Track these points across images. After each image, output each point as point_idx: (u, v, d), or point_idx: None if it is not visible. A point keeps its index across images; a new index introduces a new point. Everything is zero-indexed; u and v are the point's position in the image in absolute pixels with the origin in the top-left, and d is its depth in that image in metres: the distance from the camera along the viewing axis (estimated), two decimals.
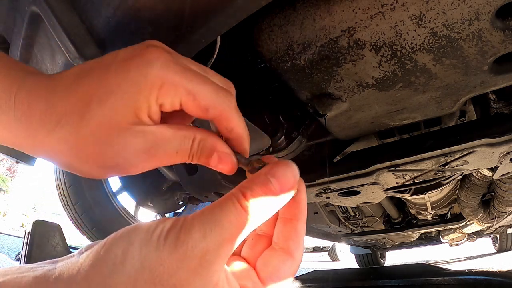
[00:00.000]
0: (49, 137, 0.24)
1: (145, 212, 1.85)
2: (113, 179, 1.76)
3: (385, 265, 3.71)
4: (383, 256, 3.72)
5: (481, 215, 1.52)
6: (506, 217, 1.59)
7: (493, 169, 0.97)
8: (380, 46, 0.46)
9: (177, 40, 0.35)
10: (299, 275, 1.92)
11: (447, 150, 0.70)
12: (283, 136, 0.65)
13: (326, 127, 0.68)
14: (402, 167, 0.77)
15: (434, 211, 1.62)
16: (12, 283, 0.20)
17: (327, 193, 0.92)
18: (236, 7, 0.32)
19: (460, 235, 2.31)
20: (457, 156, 0.71)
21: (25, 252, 1.10)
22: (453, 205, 1.67)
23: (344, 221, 1.78)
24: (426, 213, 1.62)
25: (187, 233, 0.20)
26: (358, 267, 3.59)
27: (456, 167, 0.76)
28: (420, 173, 0.80)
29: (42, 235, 1.14)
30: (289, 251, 0.27)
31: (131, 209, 1.79)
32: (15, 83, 0.24)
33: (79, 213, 1.57)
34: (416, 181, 0.86)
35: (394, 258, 4.84)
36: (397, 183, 0.86)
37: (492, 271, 1.27)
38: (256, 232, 0.30)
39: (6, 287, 0.20)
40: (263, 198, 0.23)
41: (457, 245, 2.47)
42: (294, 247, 0.27)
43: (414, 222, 1.94)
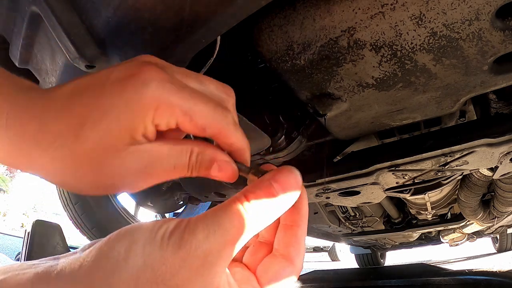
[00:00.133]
0: (43, 157, 0.23)
1: (145, 212, 1.85)
2: None
3: (385, 265, 3.71)
4: (383, 256, 3.72)
5: (481, 215, 1.52)
6: (506, 217, 1.59)
7: (493, 169, 0.97)
8: (380, 46, 0.46)
9: (177, 40, 0.35)
10: (299, 275, 1.92)
11: (447, 150, 0.70)
12: (283, 136, 0.65)
13: (326, 127, 0.68)
14: (402, 167, 0.77)
15: (434, 211, 1.62)
16: (13, 280, 0.20)
17: (327, 193, 0.92)
18: (236, 7, 0.32)
19: (460, 235, 2.31)
20: (457, 156, 0.71)
21: (25, 252, 1.10)
22: (453, 205, 1.67)
23: (344, 221, 1.79)
24: (426, 213, 1.62)
25: (191, 233, 0.20)
26: (358, 267, 3.59)
27: (456, 167, 0.76)
28: (420, 173, 0.80)
29: (42, 235, 1.14)
30: (290, 257, 0.27)
31: (131, 209, 1.79)
32: (6, 101, 0.24)
33: (79, 213, 1.57)
34: (416, 181, 0.86)
35: (394, 258, 4.84)
36: (397, 183, 0.86)
37: (492, 271, 1.27)
38: (257, 240, 0.30)
39: (7, 284, 0.19)
40: (266, 203, 0.23)
41: (457, 245, 2.47)
42: (295, 253, 0.27)
43: (414, 222, 1.94)
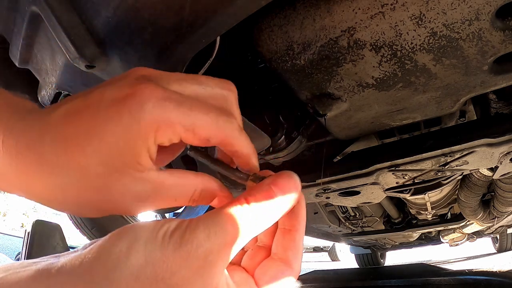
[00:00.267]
0: (43, 187, 0.23)
1: (145, 212, 1.84)
2: None
3: (385, 265, 3.71)
4: (383, 256, 3.72)
5: (481, 215, 1.52)
6: (506, 217, 1.59)
7: (493, 169, 0.97)
8: (380, 46, 0.46)
9: (177, 40, 0.35)
10: (299, 275, 1.92)
11: (447, 150, 0.70)
12: (283, 136, 0.65)
13: (326, 127, 0.68)
14: (402, 167, 0.77)
15: (434, 211, 1.62)
16: (14, 277, 0.20)
17: (327, 193, 0.92)
18: (236, 7, 0.32)
19: (460, 235, 2.31)
20: (457, 156, 0.71)
21: (25, 252, 1.10)
22: (453, 205, 1.67)
23: (344, 221, 1.79)
24: (426, 213, 1.62)
25: (192, 233, 0.21)
26: (358, 267, 3.59)
27: (456, 167, 0.76)
28: (420, 173, 0.80)
29: (42, 235, 1.14)
30: (288, 261, 0.27)
31: None
32: (1, 128, 0.23)
33: None
34: (416, 181, 0.86)
35: (394, 258, 4.84)
36: (397, 183, 0.86)
37: (492, 271, 1.27)
38: (256, 244, 0.31)
39: (8, 281, 0.19)
40: (266, 205, 0.24)
41: (457, 245, 2.47)
42: (293, 257, 0.27)
43: (414, 222, 1.94)
